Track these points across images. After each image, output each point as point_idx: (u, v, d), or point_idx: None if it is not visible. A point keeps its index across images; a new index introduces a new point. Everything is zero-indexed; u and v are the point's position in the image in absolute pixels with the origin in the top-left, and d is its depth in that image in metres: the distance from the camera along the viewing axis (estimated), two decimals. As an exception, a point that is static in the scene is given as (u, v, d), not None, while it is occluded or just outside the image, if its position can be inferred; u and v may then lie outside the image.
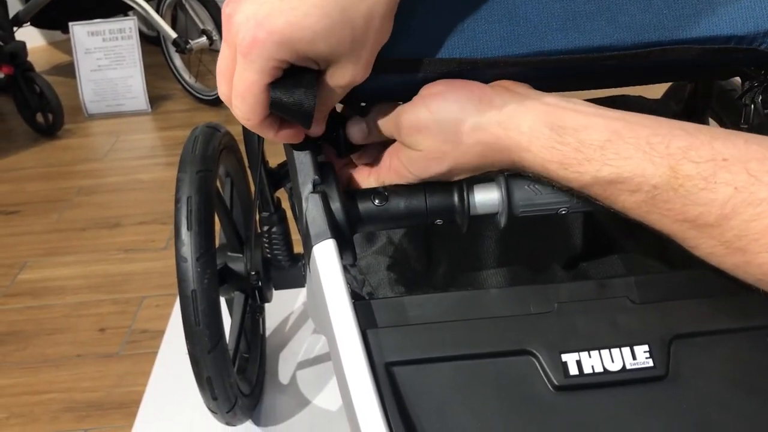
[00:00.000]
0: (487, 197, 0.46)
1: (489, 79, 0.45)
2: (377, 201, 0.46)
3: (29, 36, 2.16)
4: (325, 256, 0.43)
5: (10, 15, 1.94)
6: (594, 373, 0.40)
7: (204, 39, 1.95)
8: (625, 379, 0.40)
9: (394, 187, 0.47)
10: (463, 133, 0.42)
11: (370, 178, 0.49)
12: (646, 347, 0.41)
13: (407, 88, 0.45)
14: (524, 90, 0.44)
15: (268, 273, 0.75)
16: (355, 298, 0.42)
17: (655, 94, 0.70)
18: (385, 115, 0.47)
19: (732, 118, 0.66)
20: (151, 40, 2.31)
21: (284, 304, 1.01)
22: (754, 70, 0.48)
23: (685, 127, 0.38)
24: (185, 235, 0.62)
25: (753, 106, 0.49)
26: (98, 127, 2.00)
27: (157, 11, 1.98)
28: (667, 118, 0.40)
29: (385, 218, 0.47)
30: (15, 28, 1.95)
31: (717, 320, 0.42)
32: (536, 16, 0.43)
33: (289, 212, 0.62)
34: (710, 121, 0.68)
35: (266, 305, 0.88)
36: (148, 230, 1.44)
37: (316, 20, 0.37)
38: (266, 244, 0.74)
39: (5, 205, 1.60)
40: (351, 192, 0.47)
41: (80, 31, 2.03)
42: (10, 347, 1.15)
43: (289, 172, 0.49)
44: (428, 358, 0.41)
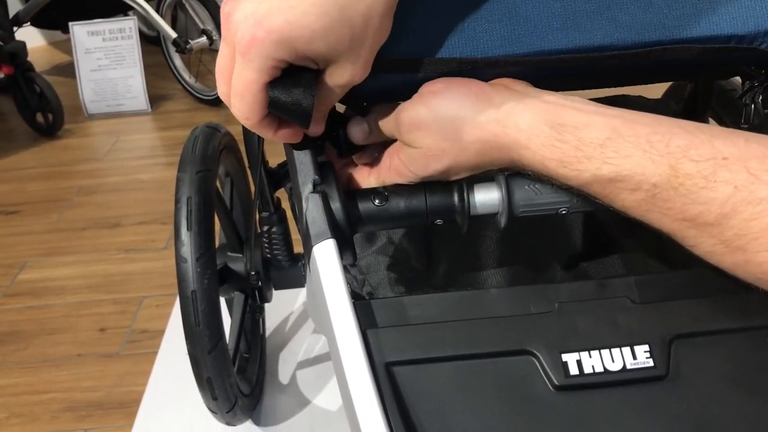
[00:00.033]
0: (487, 197, 0.46)
1: (489, 79, 0.45)
2: (377, 201, 0.46)
3: (29, 36, 2.16)
4: (325, 256, 0.43)
5: (10, 15, 1.94)
6: (594, 373, 0.40)
7: (204, 39, 1.95)
8: (626, 379, 0.40)
9: (394, 187, 0.47)
10: (461, 131, 0.42)
11: (370, 178, 0.49)
12: (646, 347, 0.41)
13: (407, 87, 0.45)
14: (523, 88, 0.44)
15: (268, 273, 0.75)
16: (355, 298, 0.42)
17: (656, 93, 0.70)
18: (385, 115, 0.47)
19: (732, 118, 0.66)
20: (151, 40, 2.31)
21: (284, 304, 1.01)
22: (755, 70, 0.48)
23: (685, 126, 0.38)
24: (185, 235, 0.62)
25: (753, 106, 0.49)
26: (98, 127, 2.00)
27: (157, 11, 1.98)
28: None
29: (385, 218, 0.47)
30: (15, 28, 1.95)
31: (717, 320, 0.42)
32: (536, 16, 0.43)
33: (289, 212, 0.62)
34: (710, 120, 0.68)
35: (266, 305, 0.88)
36: (148, 230, 1.44)
37: (314, 19, 0.37)
38: (266, 244, 0.74)
39: (5, 205, 1.60)
40: (351, 192, 0.47)
41: (80, 31, 2.03)
42: (10, 347, 1.15)
43: (289, 172, 0.49)
44: (428, 357, 0.41)
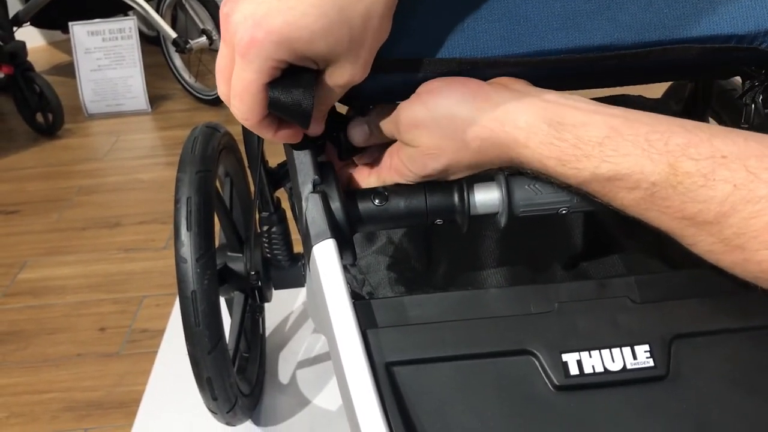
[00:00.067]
0: (487, 197, 0.46)
1: (489, 79, 0.45)
2: (377, 201, 0.46)
3: (29, 36, 2.16)
4: (325, 255, 0.43)
5: (10, 15, 1.94)
6: (594, 373, 0.40)
7: (204, 39, 1.95)
8: (626, 379, 0.40)
9: (394, 187, 0.47)
10: (459, 129, 0.42)
11: (370, 178, 0.49)
12: (646, 347, 0.41)
13: (407, 87, 0.45)
14: (522, 87, 0.43)
15: (268, 273, 0.75)
16: (355, 298, 0.42)
17: (656, 93, 0.70)
18: (385, 116, 0.47)
19: (732, 118, 0.66)
20: (151, 40, 2.31)
21: (284, 304, 1.01)
22: (755, 70, 0.48)
23: (684, 125, 0.38)
24: (185, 235, 0.62)
25: (753, 106, 0.49)
26: (98, 127, 2.00)
27: (157, 11, 1.98)
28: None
29: (385, 218, 0.47)
30: (15, 28, 1.95)
31: (718, 320, 0.42)
32: (536, 15, 0.43)
33: (289, 212, 0.62)
34: (710, 120, 0.68)
35: (266, 305, 0.88)
36: (148, 230, 1.44)
37: (314, 20, 0.37)
38: (266, 244, 0.74)
39: (5, 205, 1.60)
40: (351, 192, 0.47)
41: (80, 31, 2.03)
42: (10, 347, 1.15)
43: (289, 172, 0.49)
44: (428, 357, 0.41)
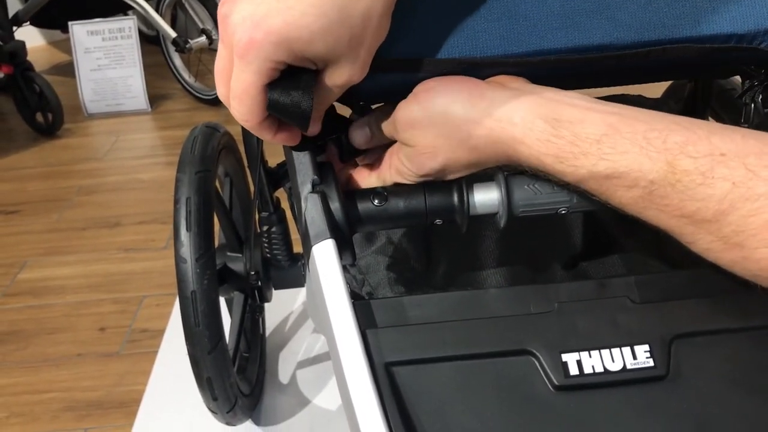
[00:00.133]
0: (486, 197, 0.46)
1: (488, 78, 0.45)
2: (376, 201, 0.46)
3: (29, 35, 2.16)
4: (325, 256, 0.43)
5: (9, 14, 1.94)
6: (594, 373, 0.40)
7: (203, 38, 1.95)
8: (626, 379, 0.40)
9: (394, 187, 0.47)
10: (455, 127, 0.42)
11: (371, 178, 0.49)
12: (646, 347, 0.41)
13: (407, 87, 0.44)
14: (520, 84, 0.43)
15: (268, 273, 0.75)
16: (355, 298, 0.42)
17: (655, 93, 0.70)
18: (385, 117, 0.47)
19: (732, 117, 0.66)
20: (150, 40, 2.31)
21: (284, 304, 1.01)
22: (755, 69, 0.48)
23: (682, 122, 0.37)
24: (184, 236, 0.62)
25: (753, 105, 0.49)
26: (98, 127, 2.00)
27: (157, 10, 1.97)
28: None
29: (385, 218, 0.47)
30: (14, 28, 1.95)
31: (717, 320, 0.42)
32: (536, 15, 0.43)
33: (289, 212, 0.62)
34: (710, 119, 0.68)
35: (266, 305, 0.88)
36: (148, 230, 1.44)
37: (313, 20, 0.37)
38: (266, 244, 0.74)
39: (5, 205, 1.60)
40: (350, 192, 0.47)
41: (80, 31, 2.03)
42: (10, 346, 1.15)
43: (289, 172, 0.49)
44: (428, 358, 0.41)
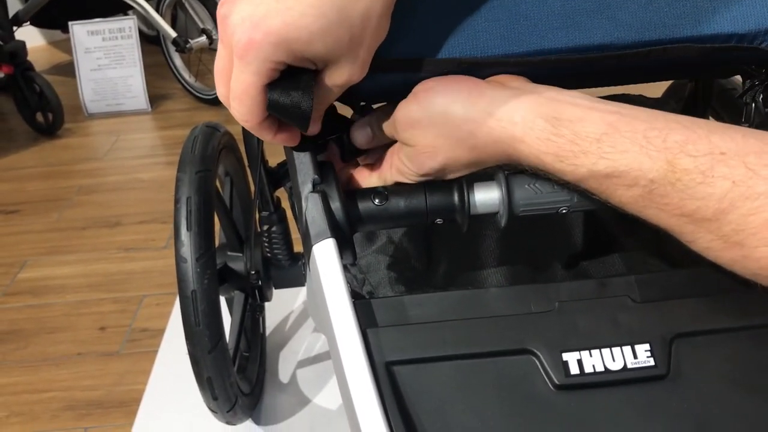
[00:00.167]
0: (487, 196, 0.46)
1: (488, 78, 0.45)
2: (377, 200, 0.46)
3: (29, 35, 2.16)
4: (325, 255, 0.43)
5: (9, 14, 1.94)
6: (595, 372, 0.40)
7: (204, 38, 1.95)
8: (626, 379, 0.40)
9: (394, 187, 0.47)
10: (454, 127, 0.42)
11: (372, 177, 0.49)
12: (647, 346, 0.41)
13: (407, 87, 0.44)
14: (519, 84, 0.43)
15: (268, 272, 0.75)
16: (355, 297, 0.42)
17: (656, 92, 0.70)
18: (387, 117, 0.47)
19: (732, 117, 0.66)
20: (150, 40, 2.31)
21: (284, 303, 1.01)
22: (755, 69, 0.48)
23: (682, 121, 0.37)
24: (185, 235, 0.62)
25: (754, 105, 0.49)
26: (98, 127, 2.00)
27: (157, 10, 1.98)
28: None
29: (385, 218, 0.47)
30: (15, 28, 1.95)
31: (718, 319, 0.42)
32: (536, 14, 0.43)
33: (289, 211, 0.62)
34: (711, 119, 0.68)
35: (266, 304, 0.88)
36: (148, 229, 1.44)
37: (312, 20, 0.37)
38: (266, 244, 0.74)
39: (5, 204, 1.60)
40: (351, 191, 0.47)
41: (80, 31, 2.03)
42: (10, 346, 1.15)
43: (289, 172, 0.49)
44: (428, 357, 0.41)
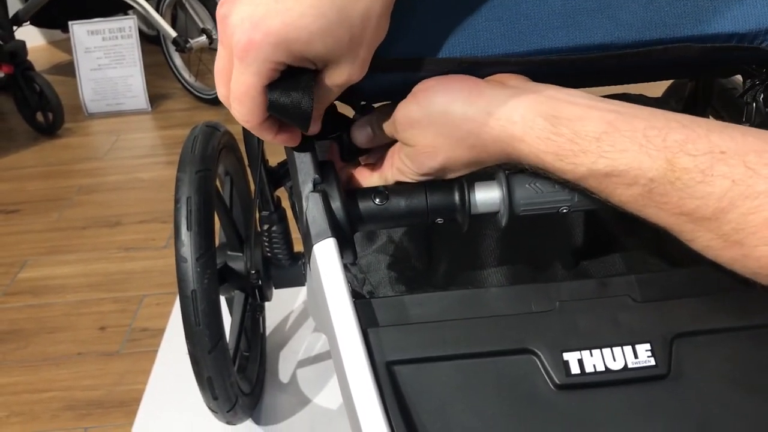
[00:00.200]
0: (488, 196, 0.46)
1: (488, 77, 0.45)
2: (378, 200, 0.46)
3: (29, 35, 2.16)
4: (326, 255, 0.43)
5: (9, 14, 1.94)
6: (596, 372, 0.40)
7: (204, 38, 1.95)
8: (627, 378, 0.40)
9: (395, 186, 0.47)
10: (454, 126, 0.42)
11: (372, 177, 0.49)
12: (647, 346, 0.41)
13: (407, 87, 0.44)
14: (519, 83, 0.43)
15: (268, 272, 0.75)
16: (356, 297, 0.42)
17: (656, 92, 0.70)
18: (387, 116, 0.47)
19: (733, 117, 0.66)
20: (151, 39, 2.31)
21: (284, 303, 1.01)
22: (756, 68, 0.48)
23: (682, 120, 0.37)
24: (185, 235, 0.62)
25: (754, 105, 0.49)
26: (98, 126, 2.00)
27: (157, 10, 1.98)
28: None
29: (386, 217, 0.46)
30: (15, 27, 1.95)
31: (719, 319, 0.42)
32: (537, 14, 0.43)
33: (289, 211, 0.62)
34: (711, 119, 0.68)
35: (266, 304, 0.88)
36: (149, 229, 1.44)
37: (312, 20, 0.37)
38: (266, 243, 0.74)
39: (5, 204, 1.60)
40: (351, 191, 0.47)
41: (80, 30, 2.03)
42: (10, 346, 1.15)
43: (290, 171, 0.49)
44: (429, 356, 0.41)
